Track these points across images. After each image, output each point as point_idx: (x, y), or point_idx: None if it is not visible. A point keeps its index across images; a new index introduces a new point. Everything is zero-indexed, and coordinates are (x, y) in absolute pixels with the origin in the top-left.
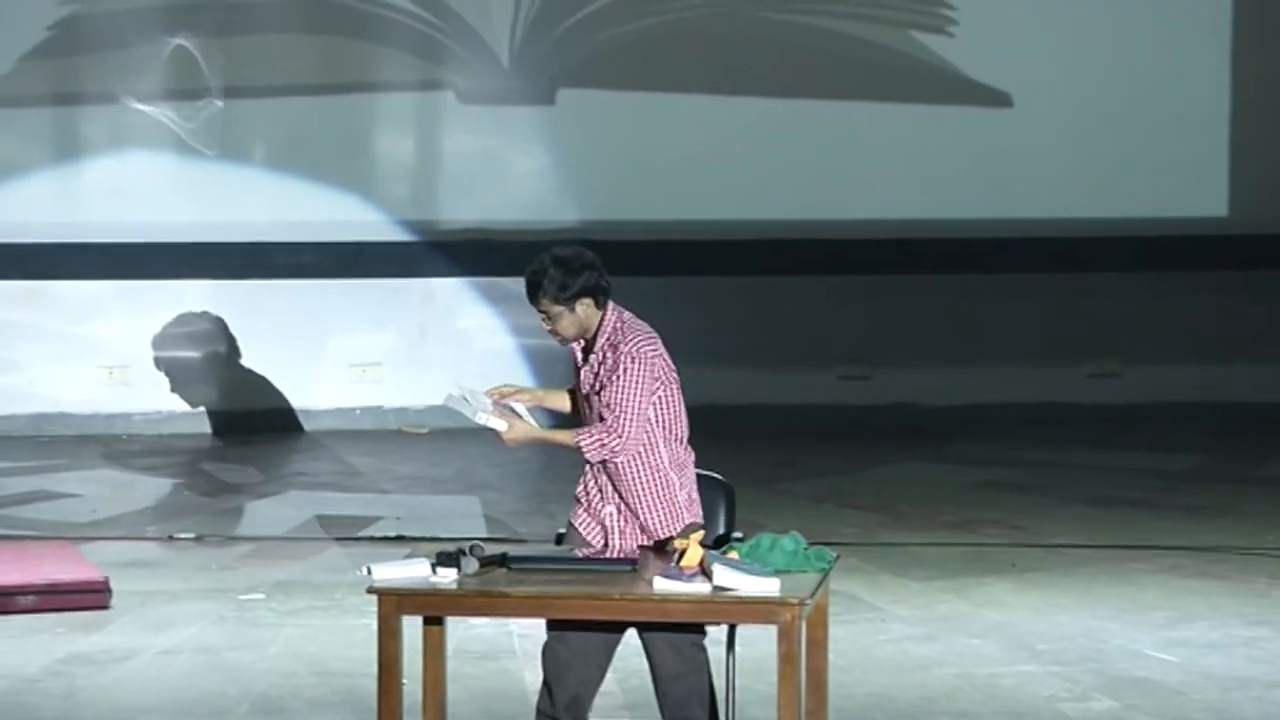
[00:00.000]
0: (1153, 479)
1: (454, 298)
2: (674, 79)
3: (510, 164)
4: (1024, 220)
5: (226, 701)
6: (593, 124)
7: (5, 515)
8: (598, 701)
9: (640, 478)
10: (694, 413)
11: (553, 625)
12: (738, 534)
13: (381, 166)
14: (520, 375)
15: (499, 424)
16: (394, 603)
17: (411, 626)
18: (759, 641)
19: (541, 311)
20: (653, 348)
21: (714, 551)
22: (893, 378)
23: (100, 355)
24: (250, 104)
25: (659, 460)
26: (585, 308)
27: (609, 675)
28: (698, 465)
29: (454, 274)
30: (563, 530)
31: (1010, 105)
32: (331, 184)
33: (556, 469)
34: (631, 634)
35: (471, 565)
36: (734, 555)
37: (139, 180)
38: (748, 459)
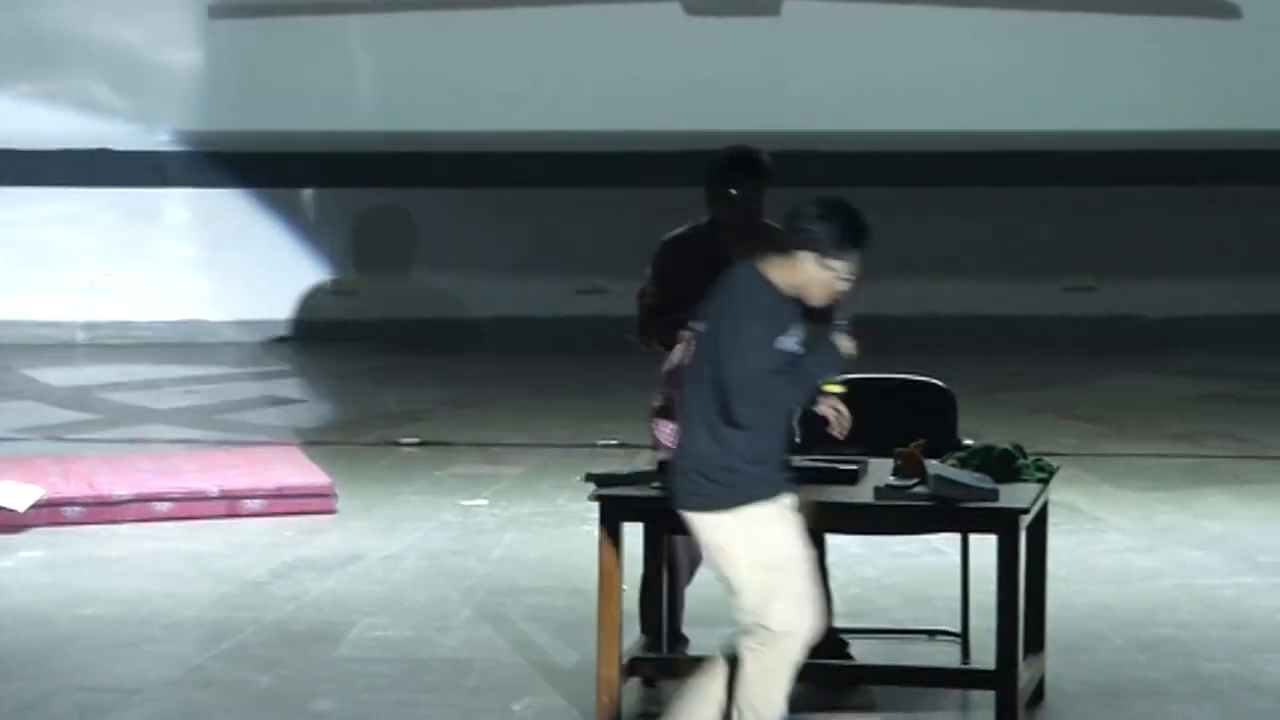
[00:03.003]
0: None
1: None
2: None
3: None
4: (1253, 132)
5: (449, 606)
6: (814, 36)
7: (233, 419)
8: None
9: None
10: (919, 323)
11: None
12: (968, 441)
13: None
14: None
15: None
16: (614, 510)
17: (632, 534)
18: (979, 551)
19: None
20: None
21: (934, 461)
22: (1118, 289)
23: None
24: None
25: None
26: None
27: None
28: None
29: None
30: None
31: (1239, 17)
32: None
33: None
34: None
35: None
36: (954, 464)
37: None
38: (972, 369)
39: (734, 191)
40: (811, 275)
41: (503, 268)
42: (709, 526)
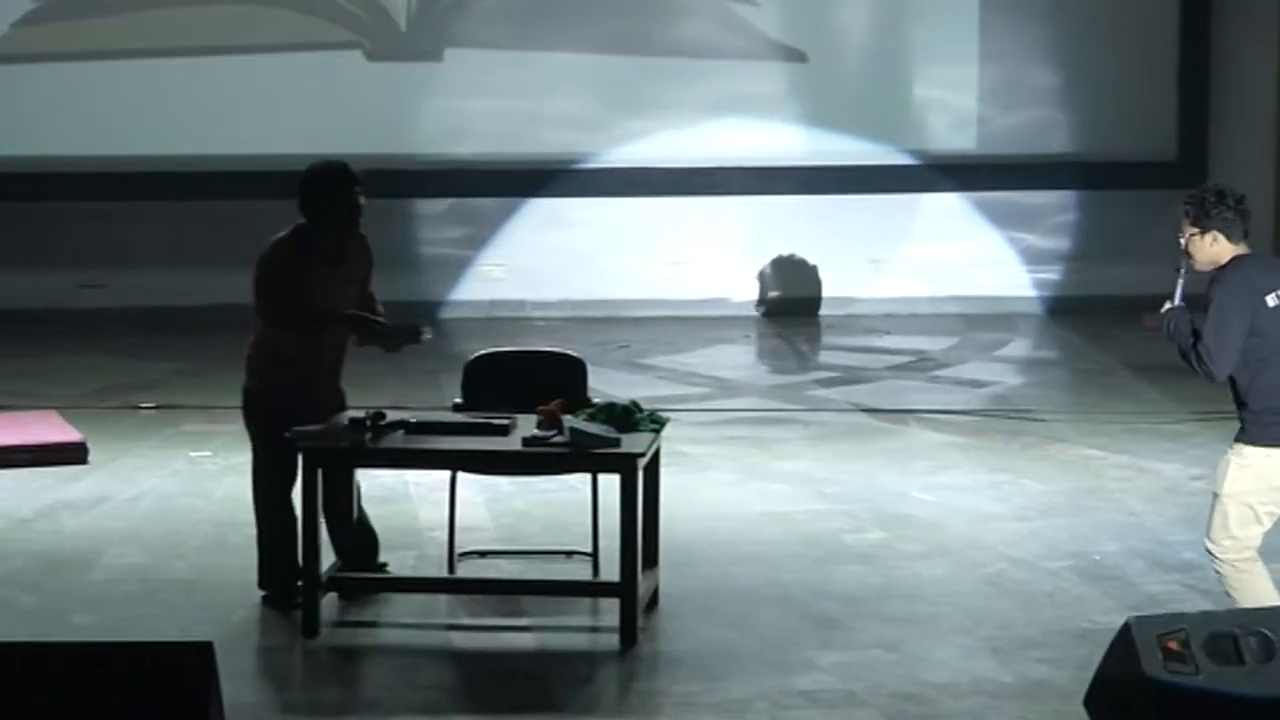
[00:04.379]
0: (913, 356)
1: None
2: (544, 40)
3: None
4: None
5: (180, 538)
6: (474, 77)
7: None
8: (472, 535)
9: None
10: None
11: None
12: (596, 399)
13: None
14: None
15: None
16: (315, 458)
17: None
18: (607, 487)
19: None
20: None
21: (570, 416)
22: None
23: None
24: (188, 64)
25: None
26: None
27: (485, 513)
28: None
29: None
30: (459, 400)
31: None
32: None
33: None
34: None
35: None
36: (585, 418)
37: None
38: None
39: (347, 197)
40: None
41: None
42: None
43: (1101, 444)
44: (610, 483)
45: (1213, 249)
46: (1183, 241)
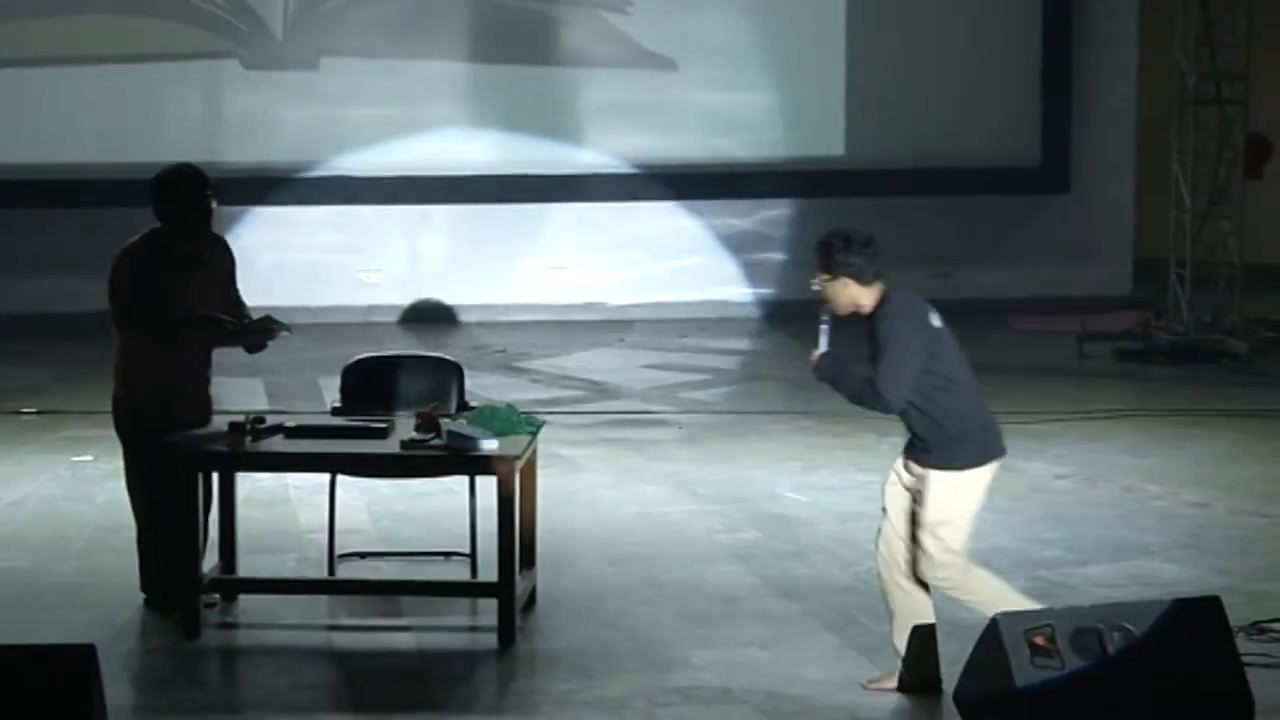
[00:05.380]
0: (788, 359)
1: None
2: (417, 49)
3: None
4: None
5: (63, 542)
6: (348, 85)
7: None
8: (352, 537)
9: None
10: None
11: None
12: (474, 403)
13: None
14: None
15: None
16: (194, 461)
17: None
18: (483, 490)
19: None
20: None
21: (446, 419)
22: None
23: None
24: (67, 71)
25: None
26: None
27: (365, 515)
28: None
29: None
30: (338, 404)
31: (676, 69)
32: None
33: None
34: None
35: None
36: (463, 421)
37: None
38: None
39: (198, 200)
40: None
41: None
42: None
43: None
44: (488, 485)
45: (846, 293)
46: (816, 287)
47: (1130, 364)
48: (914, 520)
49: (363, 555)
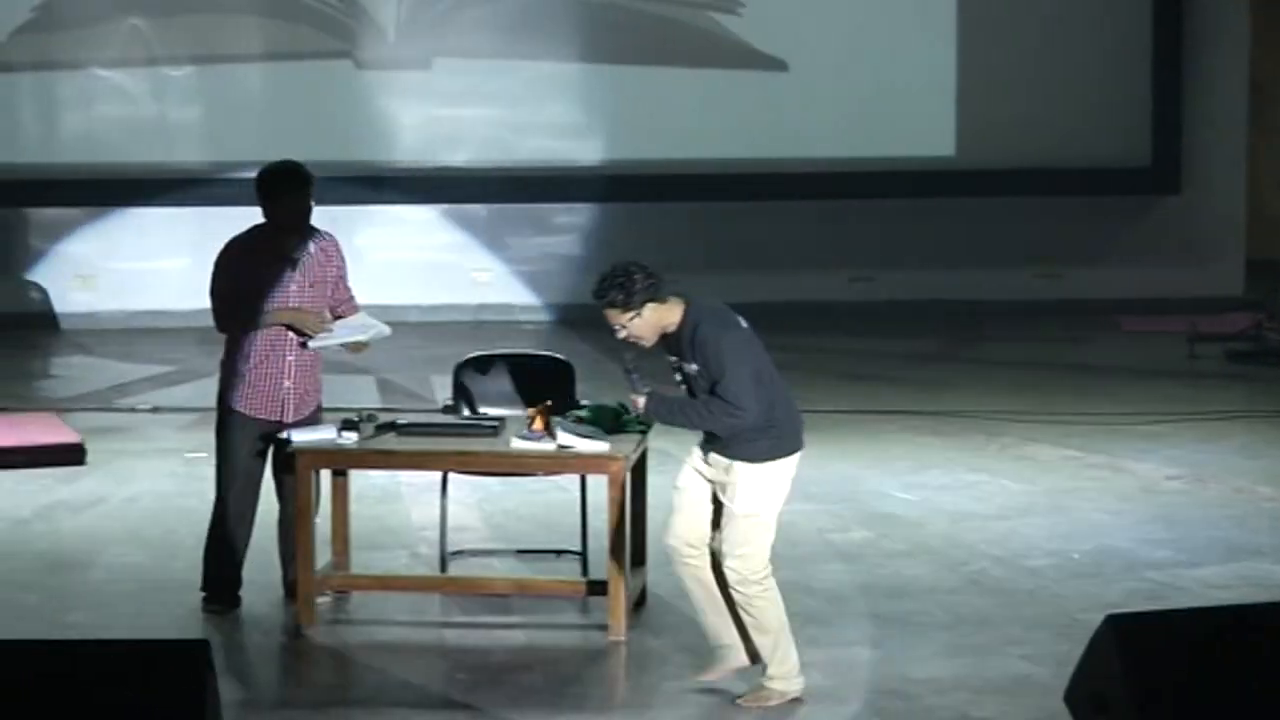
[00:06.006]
0: (898, 360)
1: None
2: (528, 49)
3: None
4: (799, 159)
5: (177, 538)
6: (460, 85)
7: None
8: (463, 534)
9: None
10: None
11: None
12: (585, 401)
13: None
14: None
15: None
16: (308, 459)
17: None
18: (595, 487)
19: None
20: None
21: (558, 417)
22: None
23: (76, 266)
24: (189, 71)
25: None
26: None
27: (476, 513)
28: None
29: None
30: (450, 402)
31: (786, 69)
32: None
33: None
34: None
35: (368, 429)
36: (574, 420)
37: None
38: (585, 346)
39: (293, 198)
40: None
41: None
42: None
43: (1078, 445)
44: (599, 483)
45: (654, 317)
46: (621, 334)
47: (1242, 366)
48: (720, 512)
49: (474, 553)
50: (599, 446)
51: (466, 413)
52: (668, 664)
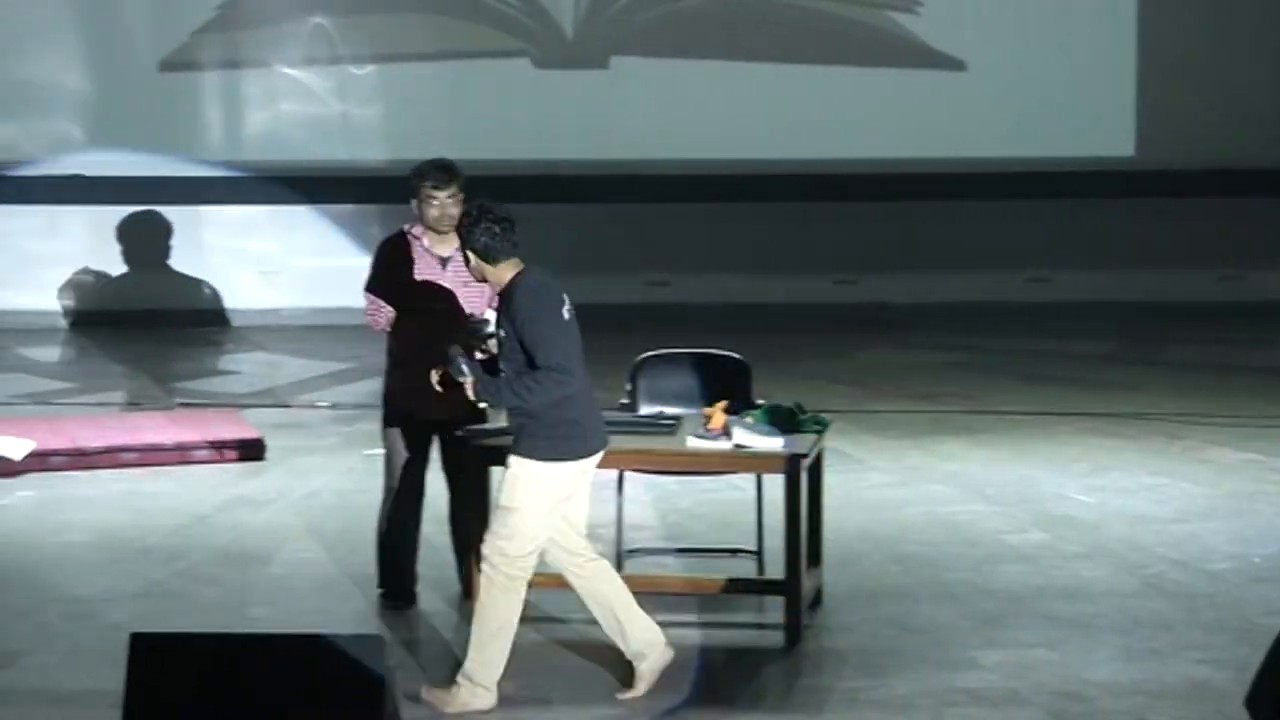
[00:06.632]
0: (1077, 360)
1: None
2: (699, 48)
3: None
4: (982, 159)
5: (355, 533)
6: (637, 84)
7: (184, 388)
8: (639, 533)
9: None
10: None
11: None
12: (761, 401)
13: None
14: None
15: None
16: (484, 457)
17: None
18: (770, 486)
19: None
20: None
21: (734, 416)
22: (875, 281)
23: (257, 262)
24: (370, 70)
25: None
26: None
27: (652, 511)
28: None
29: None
30: (625, 400)
31: (965, 69)
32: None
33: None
34: None
35: None
36: (750, 419)
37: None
38: (761, 345)
39: (428, 196)
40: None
41: None
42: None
43: (1261, 448)
44: (774, 482)
45: (482, 264)
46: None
47: None
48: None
49: (650, 551)
50: (775, 445)
51: (643, 410)
52: (843, 665)
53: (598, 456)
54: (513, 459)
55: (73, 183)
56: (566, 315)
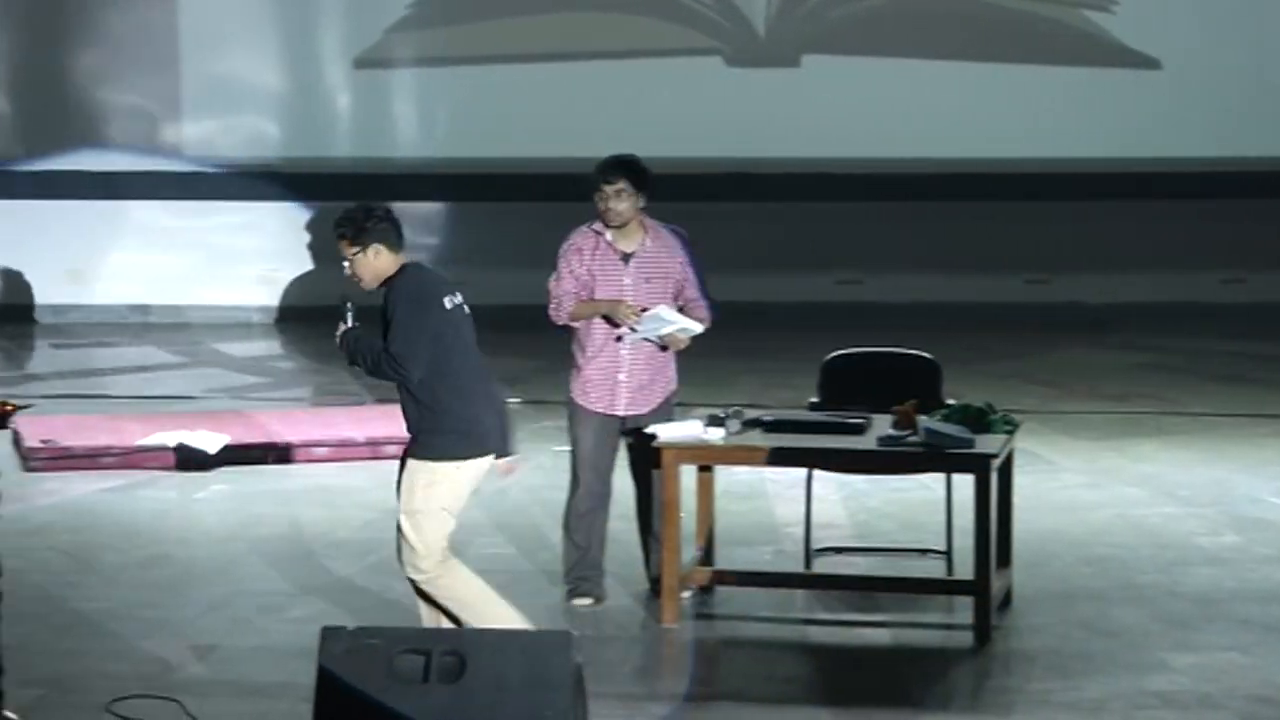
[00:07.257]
0: (1273, 362)
1: None
2: (891, 46)
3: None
4: (1177, 159)
5: (543, 530)
6: (828, 82)
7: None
8: (828, 532)
9: None
10: (910, 308)
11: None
12: (950, 400)
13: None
14: None
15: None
16: (673, 455)
17: (687, 473)
18: (960, 487)
19: None
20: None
21: (924, 416)
22: (1067, 282)
23: (440, 258)
24: (559, 67)
25: None
26: None
27: (841, 510)
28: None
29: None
30: (815, 399)
31: (1160, 68)
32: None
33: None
34: None
35: (735, 425)
36: (940, 419)
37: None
38: (952, 344)
39: (598, 193)
40: None
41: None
42: None
43: None
44: (964, 482)
45: (378, 262)
46: (346, 267)
47: None
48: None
49: (839, 550)
50: (965, 444)
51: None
52: (1033, 666)
53: (489, 459)
54: (412, 462)
55: (267, 179)
56: (450, 305)
